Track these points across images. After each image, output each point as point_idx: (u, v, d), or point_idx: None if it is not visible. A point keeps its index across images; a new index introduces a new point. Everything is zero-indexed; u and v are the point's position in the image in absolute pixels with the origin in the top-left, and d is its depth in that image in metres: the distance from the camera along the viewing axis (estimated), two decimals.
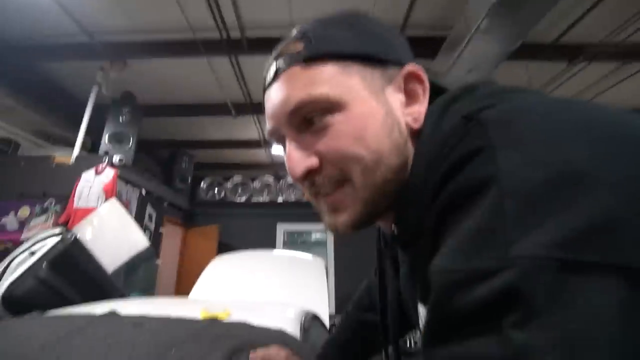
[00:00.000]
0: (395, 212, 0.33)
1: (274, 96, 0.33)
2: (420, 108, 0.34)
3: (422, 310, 0.36)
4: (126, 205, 2.87)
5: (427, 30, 2.61)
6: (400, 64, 0.34)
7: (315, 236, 5.61)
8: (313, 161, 0.32)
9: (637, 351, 0.16)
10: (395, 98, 0.34)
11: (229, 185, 5.30)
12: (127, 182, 3.09)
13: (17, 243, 2.18)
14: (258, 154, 4.96)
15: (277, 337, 0.75)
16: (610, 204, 0.18)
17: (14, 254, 1.38)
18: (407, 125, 0.33)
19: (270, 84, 0.34)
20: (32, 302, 1.17)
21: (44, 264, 1.29)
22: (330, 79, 0.31)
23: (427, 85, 0.34)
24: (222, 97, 3.52)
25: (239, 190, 5.30)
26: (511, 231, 0.19)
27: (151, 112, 3.71)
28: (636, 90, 3.26)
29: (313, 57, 0.32)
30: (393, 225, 0.35)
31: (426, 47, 2.64)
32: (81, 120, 2.89)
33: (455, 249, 0.22)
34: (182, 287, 4.29)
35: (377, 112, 0.32)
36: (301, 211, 5.12)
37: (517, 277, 0.18)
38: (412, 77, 0.34)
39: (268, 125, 0.35)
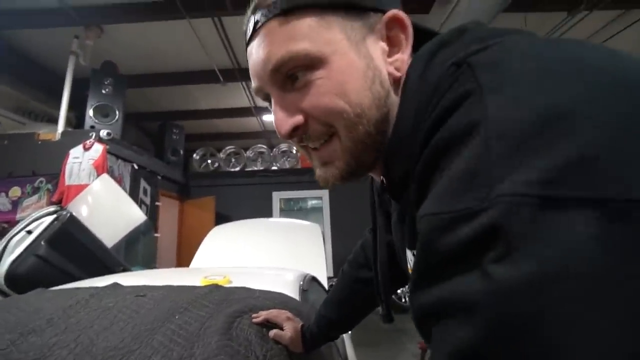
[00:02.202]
0: (383, 163, 0.34)
1: (255, 54, 0.33)
2: (403, 56, 0.33)
3: (410, 257, 0.37)
4: (119, 180, 2.84)
5: None
6: (382, 11, 0.33)
7: (312, 202, 5.69)
8: (298, 119, 0.32)
9: (610, 280, 0.16)
10: (377, 47, 0.33)
11: (221, 155, 5.25)
12: (117, 157, 3.03)
13: (13, 223, 2.18)
14: (249, 122, 4.86)
15: (277, 299, 0.78)
16: (590, 143, 0.18)
17: (10, 233, 1.38)
18: (390, 74, 0.33)
19: (250, 39, 0.34)
20: (35, 279, 1.19)
21: (43, 242, 1.30)
22: (310, 33, 0.30)
23: (410, 31, 0.33)
24: (209, 63, 3.36)
25: (233, 160, 5.27)
26: (494, 172, 0.19)
27: (135, 82, 3.56)
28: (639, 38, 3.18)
29: (290, 8, 0.31)
30: (382, 177, 0.36)
31: (420, 1, 2.51)
32: (62, 94, 2.77)
33: (441, 194, 0.22)
34: (183, 259, 4.40)
35: (358, 65, 0.31)
36: (296, 178, 5.14)
37: (498, 215, 0.18)
38: (394, 24, 0.33)
39: (253, 83, 0.35)
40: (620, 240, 0.16)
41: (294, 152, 5.28)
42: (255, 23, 0.32)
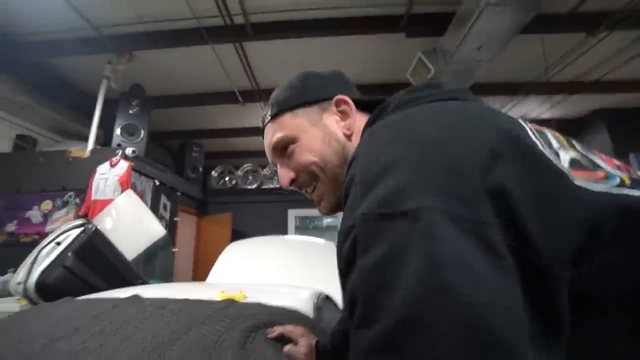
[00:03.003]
0: None
1: (264, 140, 0.56)
2: (350, 120, 0.51)
3: None
4: (141, 196, 2.95)
5: (436, 5, 2.52)
6: (331, 97, 0.52)
7: (327, 221, 5.67)
8: (292, 175, 0.53)
9: (411, 255, 0.26)
10: (332, 120, 0.52)
11: (239, 173, 5.37)
12: (140, 173, 3.17)
13: (43, 235, 2.29)
14: None
15: (292, 316, 0.78)
16: (401, 181, 0.29)
17: (41, 244, 1.45)
18: (344, 134, 0.51)
19: (262, 130, 0.57)
20: (63, 289, 1.25)
21: (70, 254, 1.36)
22: (287, 124, 0.52)
23: (352, 104, 0.52)
24: (229, 85, 3.52)
25: (250, 178, 5.37)
26: (357, 202, 0.31)
27: (160, 103, 3.76)
28: None
29: (276, 114, 0.53)
30: None
31: (435, 23, 2.56)
32: (93, 114, 2.96)
33: (342, 219, 0.34)
34: (199, 273, 4.44)
35: (318, 135, 0.51)
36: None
37: (357, 228, 0.30)
38: (340, 102, 0.52)
39: (268, 157, 0.56)
40: (418, 232, 0.26)
41: None
42: (263, 121, 0.55)
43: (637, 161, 4.16)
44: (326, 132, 0.50)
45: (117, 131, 3.09)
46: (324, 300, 1.16)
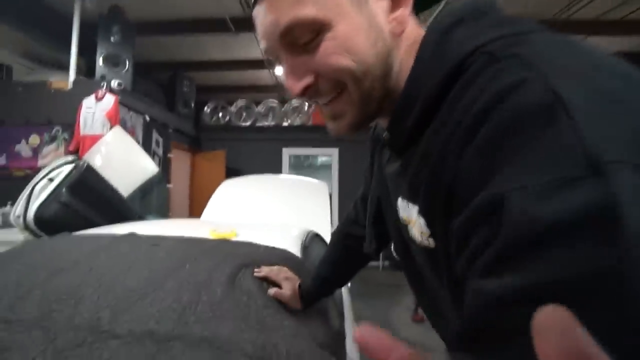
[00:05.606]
0: (389, 121, 0.37)
1: (262, 16, 0.33)
2: (404, 11, 0.34)
3: (400, 204, 0.38)
4: (131, 132, 2.89)
5: None
6: None
7: (321, 159, 5.71)
8: (309, 80, 0.34)
9: None
10: (379, 5, 0.34)
11: (232, 109, 5.21)
12: (129, 108, 3.06)
13: (36, 170, 2.29)
14: (262, 76, 4.73)
15: (279, 256, 0.84)
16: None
17: (34, 180, 1.47)
18: (391, 32, 0.34)
19: (256, 0, 0.34)
20: (61, 223, 1.29)
21: (64, 190, 1.38)
22: None
23: None
24: (220, 11, 3.20)
25: (244, 115, 5.23)
26: (592, 143, 0.20)
27: (145, 30, 3.44)
28: None
29: None
30: (385, 132, 0.38)
31: None
32: (70, 39, 2.72)
33: (532, 165, 0.21)
34: (195, 209, 4.60)
35: (361, 25, 0.33)
36: (307, 135, 5.11)
37: (610, 182, 0.19)
38: None
39: (262, 44, 0.36)
40: None
41: (306, 108, 5.20)
42: None
43: None
44: (372, 24, 0.33)
45: (100, 61, 2.89)
46: (312, 238, 1.23)
